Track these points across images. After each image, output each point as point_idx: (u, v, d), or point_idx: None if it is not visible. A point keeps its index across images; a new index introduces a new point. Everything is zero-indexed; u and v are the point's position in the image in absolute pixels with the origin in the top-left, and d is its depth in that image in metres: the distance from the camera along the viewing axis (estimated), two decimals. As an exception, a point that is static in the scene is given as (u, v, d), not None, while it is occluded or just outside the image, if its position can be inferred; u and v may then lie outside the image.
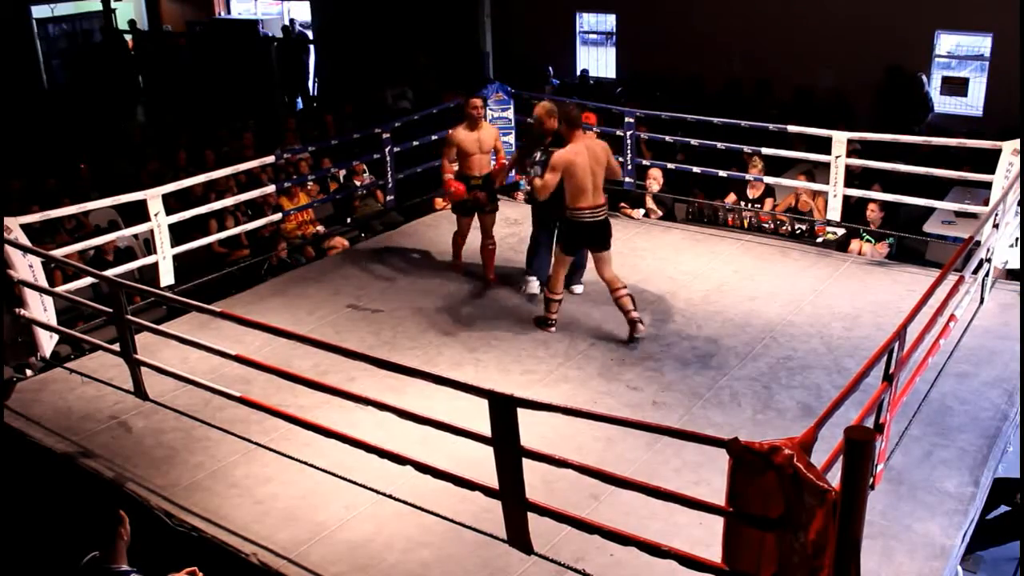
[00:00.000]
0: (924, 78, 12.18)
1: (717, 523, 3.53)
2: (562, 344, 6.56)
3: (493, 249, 7.59)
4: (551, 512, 4.04)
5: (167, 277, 7.39)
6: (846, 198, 8.05)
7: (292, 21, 19.08)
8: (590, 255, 6.80)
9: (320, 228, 9.52)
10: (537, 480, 4.34)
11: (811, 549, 3.21)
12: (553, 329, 6.72)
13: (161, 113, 16.16)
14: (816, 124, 8.35)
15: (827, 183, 8.03)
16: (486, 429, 4.01)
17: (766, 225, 8.81)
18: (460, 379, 4.35)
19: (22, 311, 6.17)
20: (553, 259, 6.82)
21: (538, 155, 6.99)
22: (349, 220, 9.88)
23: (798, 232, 8.67)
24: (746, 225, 8.91)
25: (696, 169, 8.82)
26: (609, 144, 6.75)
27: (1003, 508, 6.03)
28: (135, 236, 8.27)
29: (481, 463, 4.23)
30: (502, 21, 14.72)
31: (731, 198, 9.09)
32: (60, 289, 6.52)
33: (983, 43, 12.31)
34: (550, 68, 15.36)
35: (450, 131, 7.42)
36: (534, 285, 7.28)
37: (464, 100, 7.48)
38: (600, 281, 6.67)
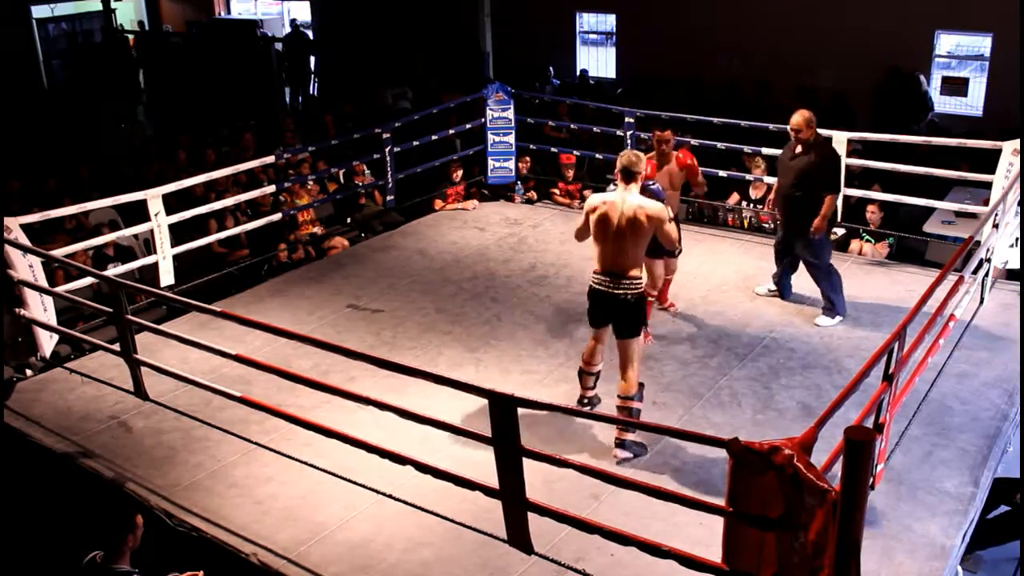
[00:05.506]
0: (922, 77, 12.19)
1: (717, 523, 3.53)
2: (562, 344, 6.55)
3: (670, 280, 6.95)
4: (551, 512, 4.04)
5: (167, 277, 7.40)
6: (846, 198, 8.05)
7: (292, 21, 19.11)
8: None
9: (318, 229, 9.50)
10: (537, 480, 4.34)
11: (811, 549, 3.21)
12: (588, 408, 5.45)
13: (161, 113, 16.14)
14: (816, 124, 8.32)
15: (827, 183, 8.01)
16: (486, 429, 4.01)
17: (766, 225, 8.80)
18: (460, 379, 4.35)
19: (22, 311, 6.17)
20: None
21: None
22: (349, 220, 9.88)
23: (798, 232, 8.66)
24: (746, 225, 8.91)
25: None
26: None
27: (1003, 508, 6.03)
28: (135, 236, 8.26)
29: (481, 463, 4.23)
30: (502, 21, 14.74)
31: (734, 198, 9.09)
32: (60, 289, 6.52)
33: (983, 43, 12.32)
34: (550, 68, 15.37)
35: None
36: (825, 319, 6.71)
37: (653, 133, 6.60)
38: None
